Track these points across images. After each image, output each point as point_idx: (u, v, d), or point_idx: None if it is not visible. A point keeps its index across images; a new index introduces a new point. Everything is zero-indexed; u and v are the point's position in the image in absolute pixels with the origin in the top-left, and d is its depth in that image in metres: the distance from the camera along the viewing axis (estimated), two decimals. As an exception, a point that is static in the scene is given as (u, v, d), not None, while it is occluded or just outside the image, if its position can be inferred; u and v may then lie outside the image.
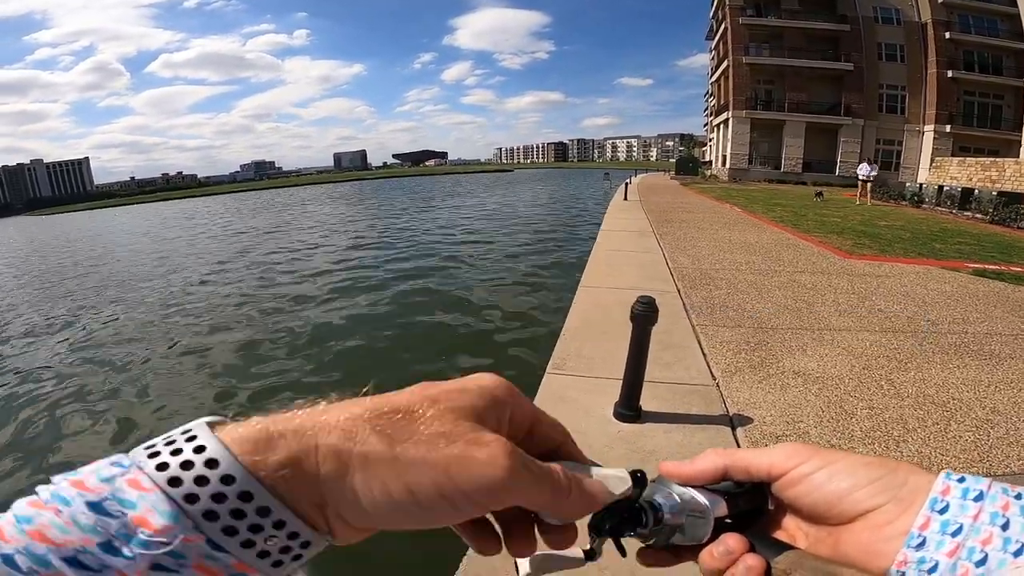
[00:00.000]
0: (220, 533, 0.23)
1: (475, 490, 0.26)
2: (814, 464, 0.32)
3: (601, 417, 2.91)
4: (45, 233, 37.53)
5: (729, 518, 0.34)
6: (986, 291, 5.65)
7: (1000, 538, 0.26)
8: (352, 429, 0.26)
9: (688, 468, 0.35)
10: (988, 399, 3.16)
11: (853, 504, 0.31)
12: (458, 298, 8.14)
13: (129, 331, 7.79)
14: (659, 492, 0.34)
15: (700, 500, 0.33)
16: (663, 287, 5.69)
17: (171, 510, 0.22)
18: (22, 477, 3.98)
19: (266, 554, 0.24)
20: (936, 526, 0.28)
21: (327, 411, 0.27)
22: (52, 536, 0.21)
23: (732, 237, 9.40)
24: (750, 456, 0.35)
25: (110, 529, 0.21)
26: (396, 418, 0.27)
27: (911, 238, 9.46)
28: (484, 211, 23.79)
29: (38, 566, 0.20)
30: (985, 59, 27.95)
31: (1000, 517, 0.27)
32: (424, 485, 0.25)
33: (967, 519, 0.27)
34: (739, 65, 31.03)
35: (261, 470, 0.24)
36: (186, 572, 0.22)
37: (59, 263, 17.46)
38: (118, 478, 0.22)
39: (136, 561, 0.21)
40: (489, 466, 0.26)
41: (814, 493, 0.32)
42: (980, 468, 2.49)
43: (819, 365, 3.68)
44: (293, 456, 0.25)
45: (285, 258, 13.43)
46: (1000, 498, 0.28)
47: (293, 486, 0.24)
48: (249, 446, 0.24)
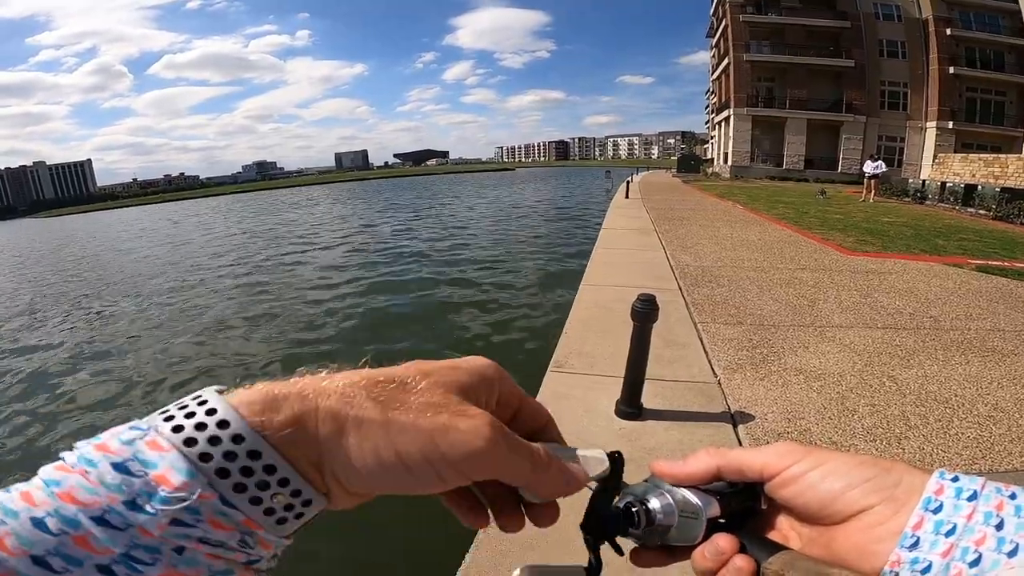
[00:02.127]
0: (231, 490, 0.24)
1: (457, 458, 0.27)
2: (807, 464, 0.32)
3: (603, 414, 2.91)
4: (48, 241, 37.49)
5: (722, 518, 0.34)
6: (989, 287, 5.63)
7: (994, 538, 0.26)
8: (350, 394, 0.27)
9: (681, 468, 0.35)
10: (990, 396, 3.16)
11: (846, 504, 0.30)
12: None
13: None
14: (652, 492, 0.34)
15: (693, 500, 0.33)
16: (665, 285, 5.68)
17: (188, 467, 0.23)
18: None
19: (271, 511, 0.25)
20: (930, 526, 0.28)
21: (328, 378, 0.28)
22: (81, 497, 0.22)
23: (734, 234, 9.39)
24: (743, 456, 0.34)
25: (134, 488, 0.22)
26: (390, 387, 0.28)
27: (914, 235, 9.43)
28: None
29: (68, 527, 0.21)
30: (987, 55, 27.81)
31: (994, 517, 0.27)
32: (411, 450, 0.27)
33: (961, 519, 0.27)
34: (740, 62, 30.94)
35: (267, 429, 0.25)
36: (201, 526, 0.23)
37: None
38: (138, 440, 0.24)
39: (158, 516, 0.22)
40: (471, 435, 0.28)
41: (807, 493, 0.32)
42: (982, 465, 2.48)
43: (821, 362, 3.68)
44: (296, 416, 0.26)
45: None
46: (994, 498, 0.28)
47: (295, 445, 0.26)
48: (257, 407, 0.26)
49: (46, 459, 0.23)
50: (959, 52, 27.74)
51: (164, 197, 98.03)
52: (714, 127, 39.56)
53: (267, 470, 0.25)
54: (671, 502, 0.33)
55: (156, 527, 0.22)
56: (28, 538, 0.21)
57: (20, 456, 4.41)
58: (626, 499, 0.34)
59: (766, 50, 30.82)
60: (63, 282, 13.65)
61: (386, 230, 18.94)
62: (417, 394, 0.28)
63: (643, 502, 0.34)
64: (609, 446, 0.36)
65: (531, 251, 12.40)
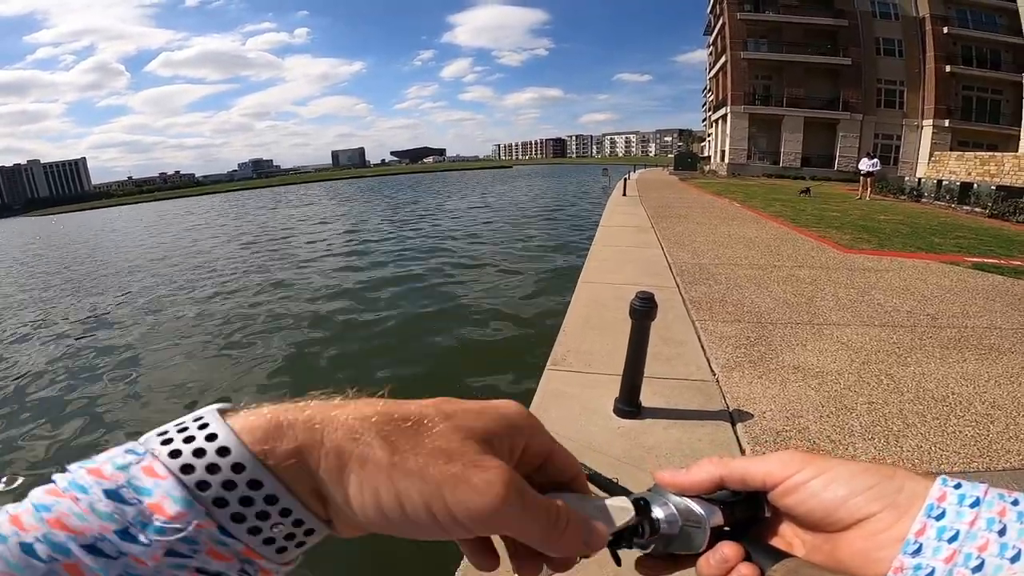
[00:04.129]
0: (229, 520, 0.23)
1: (463, 514, 0.26)
2: (809, 472, 0.32)
3: (601, 413, 2.90)
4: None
5: (727, 526, 0.34)
6: (986, 285, 5.65)
7: (997, 544, 0.26)
8: (358, 429, 0.26)
9: (684, 478, 0.35)
10: (988, 394, 3.16)
11: (849, 512, 0.31)
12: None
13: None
14: (655, 502, 0.35)
15: (696, 510, 0.34)
16: (662, 282, 5.68)
17: (184, 496, 0.22)
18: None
19: (271, 540, 0.25)
20: (932, 532, 0.28)
21: (339, 407, 0.27)
22: (71, 524, 0.21)
23: (731, 232, 9.39)
24: (746, 465, 0.35)
25: (127, 516, 0.22)
26: (404, 426, 0.27)
27: (910, 232, 9.45)
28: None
29: (58, 554, 0.21)
30: (984, 54, 27.87)
31: (997, 523, 0.27)
32: (413, 498, 0.25)
33: (963, 525, 0.27)
34: (737, 60, 30.97)
35: (270, 459, 0.24)
36: (199, 557, 0.22)
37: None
38: (133, 466, 0.23)
39: (152, 547, 0.21)
40: (482, 492, 0.26)
41: (810, 501, 0.32)
42: (980, 463, 2.48)
43: (819, 360, 3.67)
44: (299, 447, 0.25)
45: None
46: (997, 504, 0.28)
47: (297, 475, 0.25)
48: (260, 434, 0.25)
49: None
50: (956, 50, 27.79)
51: (158, 196, 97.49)
52: (711, 125, 39.61)
53: (268, 500, 0.24)
54: (674, 511, 0.34)
55: (151, 557, 0.21)
56: (17, 564, 0.20)
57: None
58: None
59: (763, 48, 30.85)
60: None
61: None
62: (432, 437, 0.27)
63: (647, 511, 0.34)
64: (608, 445, 0.36)
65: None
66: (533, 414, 0.32)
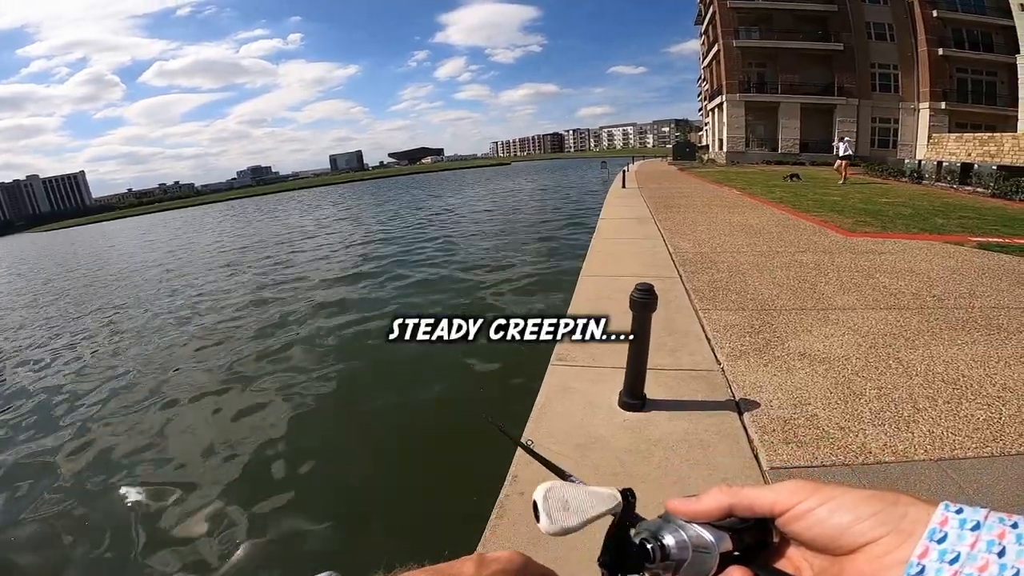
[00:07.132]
0: None
1: None
2: (815, 500, 0.34)
3: (606, 407, 2.86)
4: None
5: (736, 551, 0.36)
6: (991, 265, 5.58)
7: (996, 564, 0.27)
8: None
9: (694, 506, 0.37)
10: (999, 375, 3.10)
11: (854, 537, 0.32)
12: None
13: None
14: (666, 529, 0.37)
15: (706, 536, 0.36)
16: (664, 273, 5.63)
17: None
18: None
19: None
20: (935, 555, 0.29)
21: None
22: None
23: (732, 219, 9.33)
24: (754, 494, 0.36)
25: None
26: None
27: (912, 214, 9.38)
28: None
29: None
30: (975, 36, 27.70)
31: (996, 545, 0.28)
32: None
33: (964, 547, 0.28)
34: (730, 48, 30.84)
35: None
36: None
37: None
38: None
39: None
40: None
41: (816, 528, 0.33)
42: (994, 448, 2.41)
43: (825, 345, 3.62)
44: None
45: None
46: (996, 527, 0.29)
47: None
48: None
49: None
50: (947, 33, 27.63)
51: (162, 206, 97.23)
52: (707, 114, 39.43)
53: None
54: (685, 538, 0.36)
55: None
56: None
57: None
58: (641, 535, 0.37)
59: (755, 35, 30.72)
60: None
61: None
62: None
63: (657, 538, 0.36)
64: (613, 438, 0.36)
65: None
66: (525, 555, 0.37)
